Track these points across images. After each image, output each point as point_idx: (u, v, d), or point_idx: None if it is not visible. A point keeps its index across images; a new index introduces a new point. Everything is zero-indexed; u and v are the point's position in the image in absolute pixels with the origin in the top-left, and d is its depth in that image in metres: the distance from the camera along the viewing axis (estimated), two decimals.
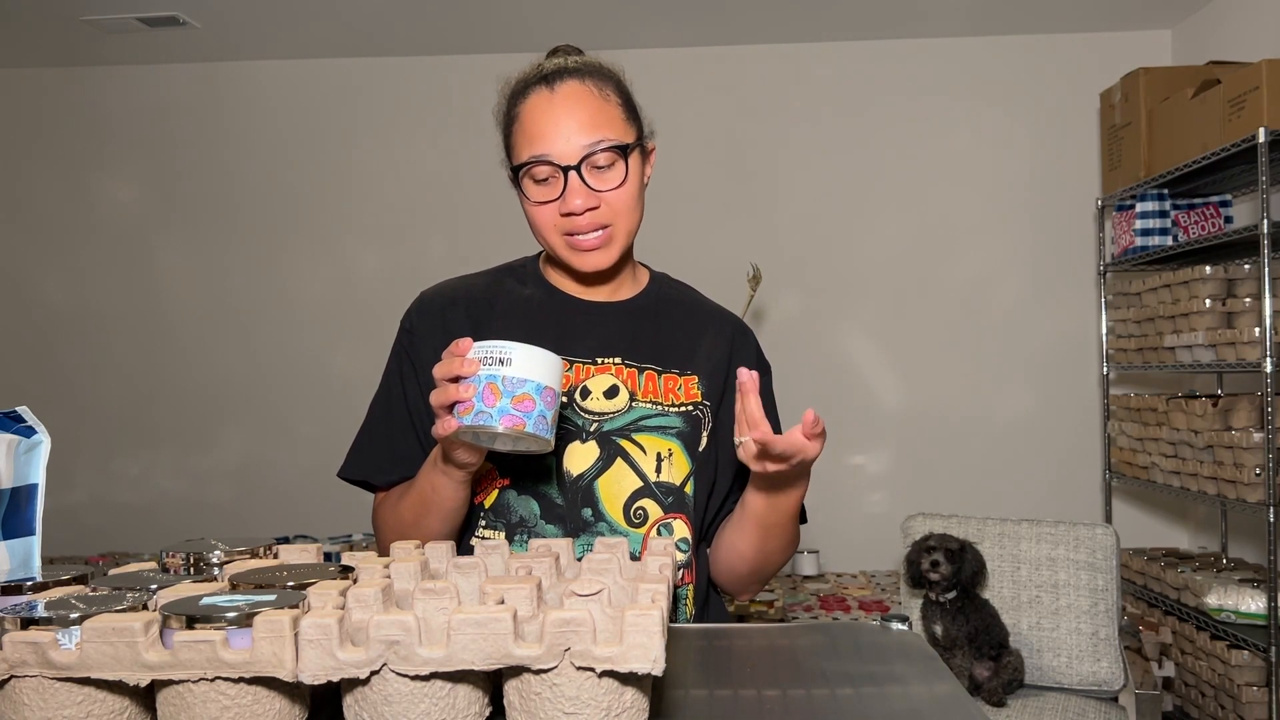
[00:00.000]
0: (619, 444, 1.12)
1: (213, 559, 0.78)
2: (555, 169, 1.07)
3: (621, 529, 1.10)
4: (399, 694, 0.59)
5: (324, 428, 3.95)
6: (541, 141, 1.07)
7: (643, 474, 1.11)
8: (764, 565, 1.17)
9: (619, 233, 1.11)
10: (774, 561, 1.17)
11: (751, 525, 1.12)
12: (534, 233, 1.14)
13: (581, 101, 1.08)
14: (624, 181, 1.09)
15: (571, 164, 1.06)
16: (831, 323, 3.94)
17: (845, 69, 3.93)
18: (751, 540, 1.13)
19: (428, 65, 4.03)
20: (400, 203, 4.05)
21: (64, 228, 4.12)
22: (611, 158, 1.08)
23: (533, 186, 1.09)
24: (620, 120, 1.10)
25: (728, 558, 1.17)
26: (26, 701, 0.59)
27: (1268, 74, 2.58)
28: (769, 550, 1.14)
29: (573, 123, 1.06)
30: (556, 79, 1.09)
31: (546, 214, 1.09)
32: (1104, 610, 2.29)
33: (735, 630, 0.90)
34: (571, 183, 1.06)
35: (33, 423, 0.82)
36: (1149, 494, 3.76)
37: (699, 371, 1.18)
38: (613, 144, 1.07)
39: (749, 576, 1.18)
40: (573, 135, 1.06)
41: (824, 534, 3.84)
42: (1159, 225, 3.18)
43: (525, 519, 1.10)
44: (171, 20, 3.56)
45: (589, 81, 1.09)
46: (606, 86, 1.11)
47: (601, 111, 1.08)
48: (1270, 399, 2.60)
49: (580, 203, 1.07)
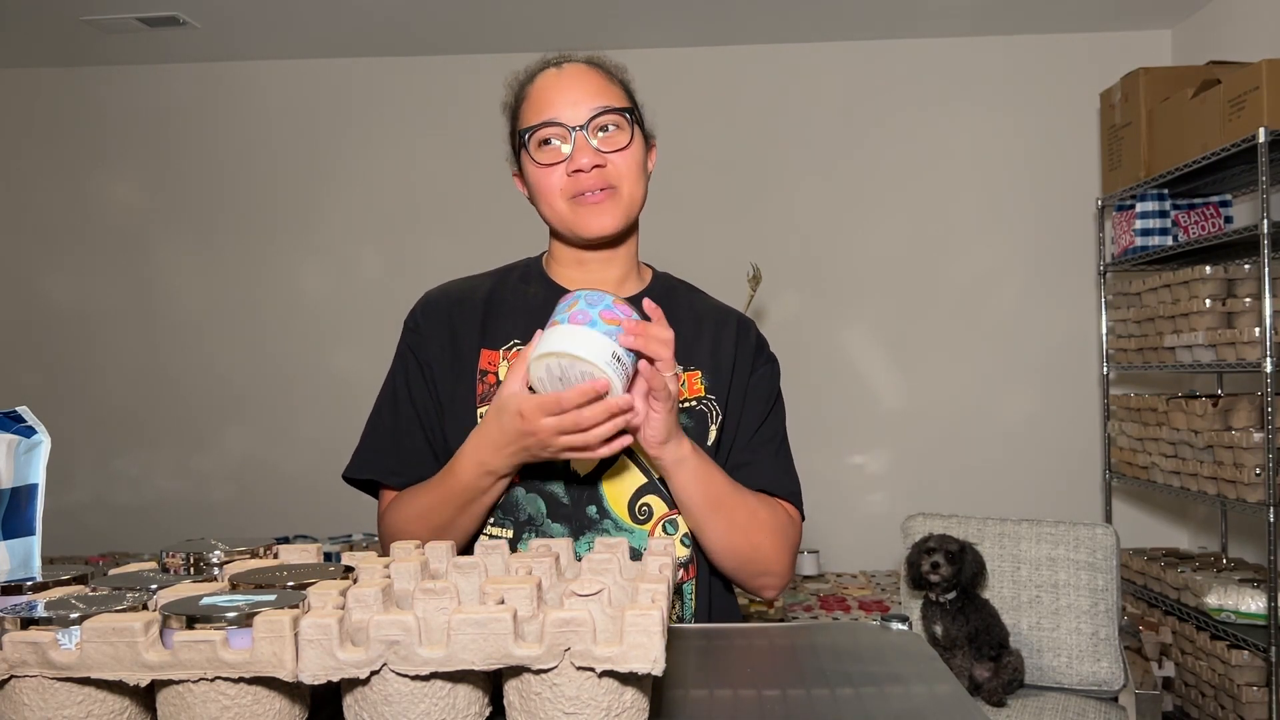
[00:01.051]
0: None
1: (213, 559, 0.78)
2: (563, 130, 1.10)
3: (627, 526, 1.10)
4: (399, 694, 0.59)
5: (324, 428, 3.95)
6: (550, 108, 1.11)
7: (647, 471, 1.12)
8: (728, 555, 1.11)
9: (623, 196, 1.13)
10: (737, 549, 1.11)
11: (687, 519, 1.11)
12: (538, 202, 1.15)
13: (588, 76, 1.13)
14: (629, 145, 1.12)
15: (578, 124, 1.10)
16: (831, 323, 3.94)
17: (845, 69, 3.93)
18: (699, 533, 1.11)
19: (428, 65, 4.03)
20: (401, 203, 4.05)
21: (64, 227, 4.12)
22: (617, 120, 1.12)
23: (540, 151, 1.12)
24: (624, 98, 1.15)
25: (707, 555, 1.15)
26: (26, 701, 0.59)
27: (1268, 74, 2.58)
28: (716, 542, 1.10)
29: (580, 90, 1.12)
30: (564, 62, 1.15)
31: (553, 178, 1.12)
32: (1104, 610, 2.28)
33: (735, 630, 0.90)
34: (578, 142, 1.10)
35: (33, 423, 0.82)
36: (1149, 494, 3.76)
37: (702, 367, 1.18)
38: (619, 108, 1.12)
39: (733, 571, 1.14)
40: (580, 101, 1.11)
41: (824, 534, 3.84)
42: (1159, 225, 3.18)
43: (533, 517, 1.10)
44: (171, 20, 3.56)
45: (594, 67, 1.15)
46: (611, 74, 1.16)
47: (608, 86, 1.14)
48: (1270, 399, 2.60)
49: (587, 160, 1.09)
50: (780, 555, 1.15)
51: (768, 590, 1.16)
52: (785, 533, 1.15)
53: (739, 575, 1.15)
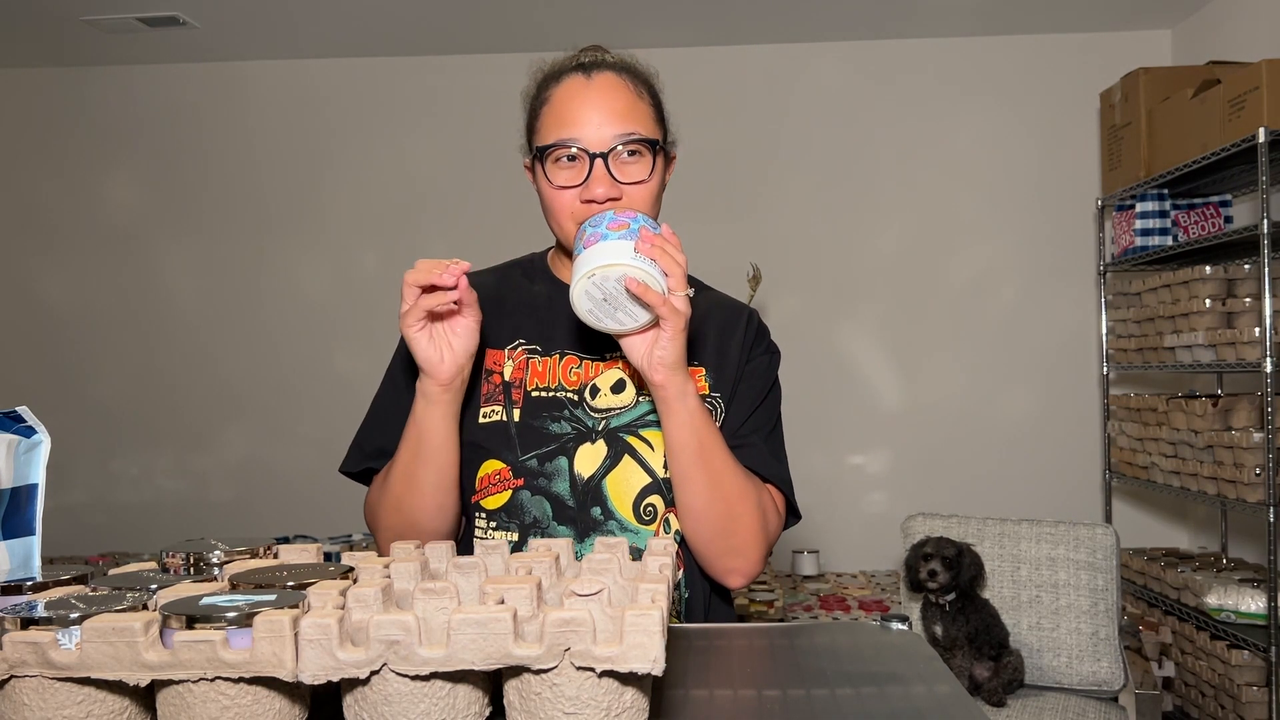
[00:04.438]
0: (626, 441, 1.12)
1: (213, 559, 0.78)
2: (582, 154, 1.07)
3: (632, 526, 1.10)
4: (399, 694, 0.59)
5: (324, 428, 3.95)
6: (572, 125, 1.07)
7: (651, 470, 1.11)
8: (704, 520, 1.08)
9: None
10: (714, 515, 1.07)
11: (673, 466, 1.08)
12: (548, 217, 1.13)
13: (617, 92, 1.09)
14: (648, 178, 1.09)
15: (600, 151, 1.06)
16: (831, 323, 3.94)
17: (845, 69, 3.93)
18: (680, 486, 1.08)
19: (428, 65, 4.03)
20: (400, 203, 4.05)
21: (63, 227, 4.12)
22: (639, 151, 1.08)
23: (556, 170, 1.08)
24: (651, 119, 1.11)
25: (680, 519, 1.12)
26: (26, 701, 0.59)
27: (1268, 74, 2.58)
28: (695, 499, 1.07)
29: (606, 111, 1.07)
30: (594, 69, 1.10)
31: (566, 199, 1.09)
32: (1104, 610, 2.28)
33: (735, 630, 0.90)
34: (597, 170, 1.06)
35: (33, 423, 0.82)
36: (1149, 494, 3.76)
37: (706, 364, 1.17)
38: (643, 138, 1.08)
39: (706, 543, 1.10)
40: (604, 124, 1.07)
41: (824, 534, 3.84)
42: (1159, 225, 3.18)
43: (539, 519, 1.10)
44: (171, 20, 3.56)
45: (625, 76, 1.11)
46: (641, 85, 1.12)
47: (635, 107, 1.09)
48: (1270, 399, 2.60)
49: (602, 191, 1.06)
50: (755, 537, 1.09)
51: (734, 577, 1.11)
52: (765, 516, 1.11)
53: (710, 550, 1.10)
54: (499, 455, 1.11)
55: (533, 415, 1.12)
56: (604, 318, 0.99)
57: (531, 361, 1.15)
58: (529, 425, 1.12)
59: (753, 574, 1.12)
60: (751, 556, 1.10)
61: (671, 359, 1.00)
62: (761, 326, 1.23)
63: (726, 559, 1.10)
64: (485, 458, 1.12)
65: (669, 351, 0.99)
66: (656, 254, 0.96)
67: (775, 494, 1.15)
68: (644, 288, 0.94)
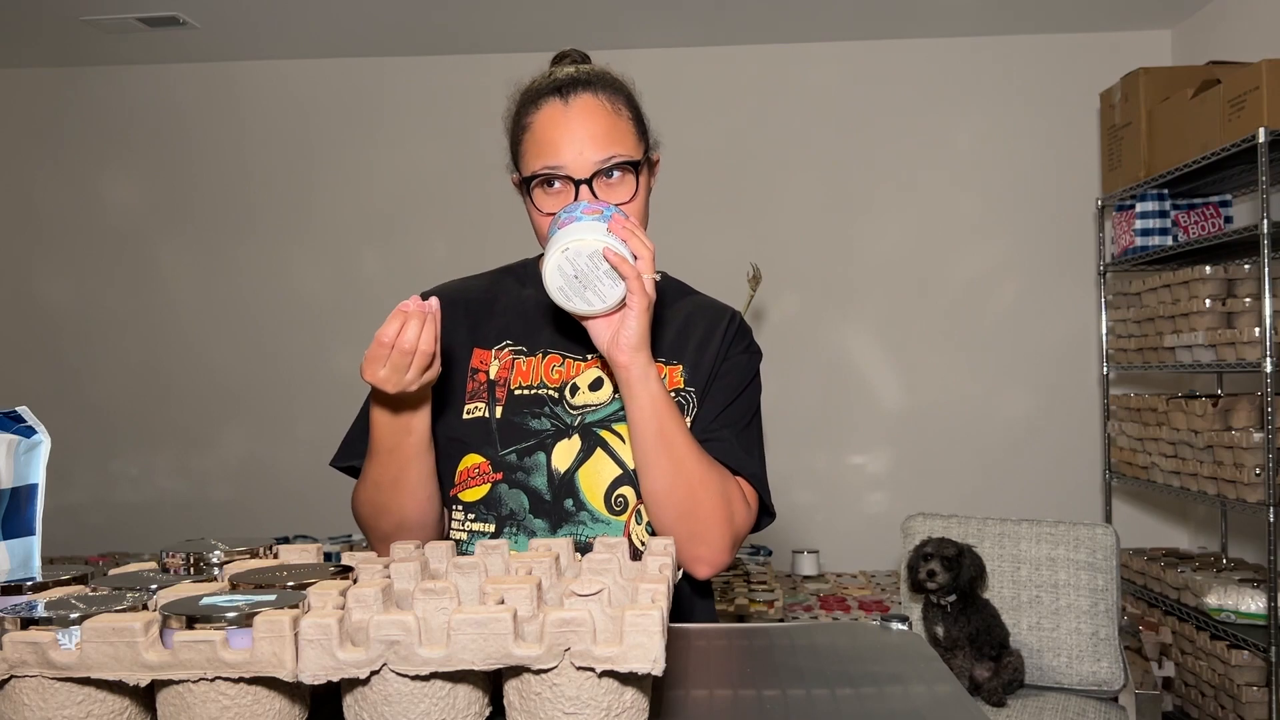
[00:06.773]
0: (599, 435, 1.14)
1: (213, 559, 0.78)
2: (566, 180, 1.09)
3: (604, 517, 1.12)
4: (399, 694, 0.59)
5: (324, 428, 3.93)
6: (554, 153, 1.09)
7: (621, 462, 1.13)
8: (666, 504, 1.07)
9: None
10: (676, 499, 1.07)
11: (635, 452, 1.09)
12: (540, 240, 1.15)
13: (595, 116, 1.10)
14: (633, 197, 1.11)
15: (583, 178, 1.08)
16: (831, 323, 3.94)
17: (845, 69, 3.93)
18: (643, 471, 1.08)
19: (428, 65, 4.03)
20: (401, 203, 4.05)
21: (64, 227, 4.12)
22: (622, 174, 1.10)
23: (542, 196, 1.11)
24: (632, 136, 1.13)
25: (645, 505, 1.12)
26: (26, 701, 0.59)
27: (1268, 74, 2.58)
28: (657, 483, 1.07)
29: (585, 136, 1.09)
30: (570, 90, 1.11)
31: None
32: (1104, 610, 2.28)
33: (735, 630, 0.90)
34: (582, 195, 1.09)
35: (33, 423, 0.82)
36: (1149, 494, 3.76)
37: (684, 361, 1.18)
38: (624, 160, 1.10)
39: (668, 528, 1.09)
40: (585, 149, 1.08)
41: (824, 534, 3.84)
42: (1159, 225, 3.18)
43: (515, 511, 1.13)
44: (171, 20, 3.56)
45: (602, 95, 1.12)
46: (618, 100, 1.13)
47: (615, 127, 1.11)
48: (1270, 399, 2.60)
49: None
50: (719, 525, 1.08)
51: (700, 566, 1.10)
52: (731, 504, 1.10)
53: (674, 536, 1.07)
54: (479, 450, 1.14)
55: (514, 412, 1.15)
56: (573, 295, 1.01)
57: (517, 361, 1.18)
58: (510, 421, 1.15)
59: (719, 564, 1.11)
60: (716, 545, 1.09)
61: (635, 340, 1.02)
62: (743, 326, 1.25)
63: (691, 546, 1.09)
64: (465, 452, 1.15)
65: (634, 332, 1.02)
66: (628, 236, 1.00)
67: (746, 488, 1.15)
68: (620, 258, 0.98)
